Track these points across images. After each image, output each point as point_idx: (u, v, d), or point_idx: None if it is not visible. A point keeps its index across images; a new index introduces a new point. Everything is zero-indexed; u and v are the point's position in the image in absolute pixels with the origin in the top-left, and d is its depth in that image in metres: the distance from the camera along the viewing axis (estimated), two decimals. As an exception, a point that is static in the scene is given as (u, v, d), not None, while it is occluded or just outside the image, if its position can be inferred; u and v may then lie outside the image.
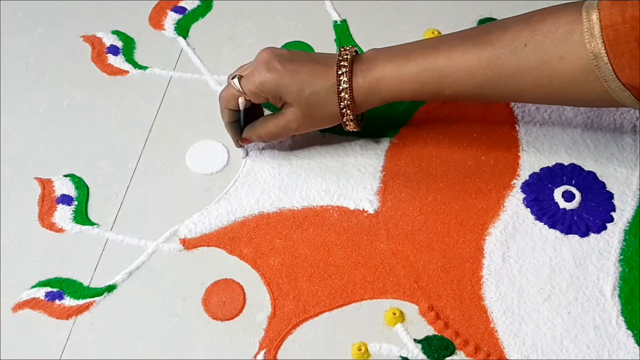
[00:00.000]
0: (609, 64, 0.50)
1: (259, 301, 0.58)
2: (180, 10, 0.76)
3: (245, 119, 0.62)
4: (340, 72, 0.57)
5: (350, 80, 0.57)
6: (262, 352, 0.55)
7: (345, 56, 0.58)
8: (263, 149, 0.65)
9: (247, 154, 0.65)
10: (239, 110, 0.60)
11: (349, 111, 0.58)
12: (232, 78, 0.59)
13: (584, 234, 0.60)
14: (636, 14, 0.48)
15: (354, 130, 0.60)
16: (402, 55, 0.57)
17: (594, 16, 0.50)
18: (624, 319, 0.56)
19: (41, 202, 0.63)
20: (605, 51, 0.50)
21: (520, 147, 0.65)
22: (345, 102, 0.57)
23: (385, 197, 0.63)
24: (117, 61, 0.72)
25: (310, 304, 0.57)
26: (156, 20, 0.75)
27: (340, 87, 0.57)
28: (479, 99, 0.62)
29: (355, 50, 0.59)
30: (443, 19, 0.73)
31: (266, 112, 0.65)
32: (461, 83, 0.55)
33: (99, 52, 0.73)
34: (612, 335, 0.55)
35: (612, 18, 0.49)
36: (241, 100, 0.59)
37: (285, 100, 0.58)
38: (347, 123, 0.59)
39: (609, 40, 0.50)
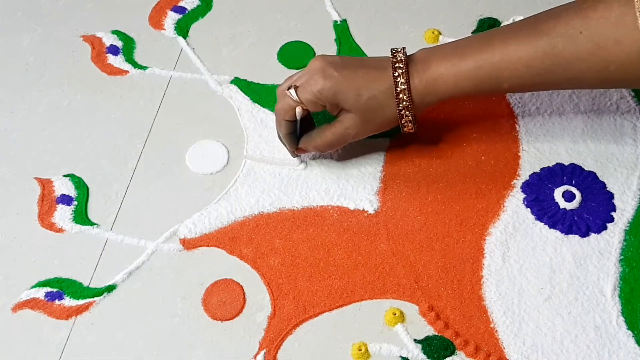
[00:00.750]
0: None
1: (259, 301, 0.58)
2: (180, 10, 0.76)
3: (301, 131, 0.61)
4: (396, 74, 0.57)
5: (407, 81, 0.56)
6: (262, 352, 0.55)
7: (400, 57, 0.57)
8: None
9: (301, 162, 0.64)
10: (295, 121, 0.60)
11: (407, 112, 0.57)
12: (288, 89, 0.58)
13: (584, 234, 0.60)
14: None
15: (411, 131, 0.59)
16: (457, 53, 0.57)
17: None
18: (624, 319, 0.56)
19: (41, 202, 0.63)
20: None
21: (521, 147, 0.65)
22: (404, 103, 0.57)
23: (385, 197, 0.62)
24: (117, 61, 0.72)
25: (310, 304, 0.57)
26: (156, 20, 0.75)
27: (399, 89, 0.57)
28: (537, 88, 0.63)
29: (406, 50, 0.58)
30: (443, 19, 0.73)
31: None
32: (519, 75, 0.55)
33: (99, 52, 0.73)
34: (613, 336, 0.55)
35: None
36: (298, 110, 0.58)
37: (343, 106, 0.58)
38: (405, 124, 0.59)
39: None
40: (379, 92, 0.57)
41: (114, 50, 0.73)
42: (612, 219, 0.60)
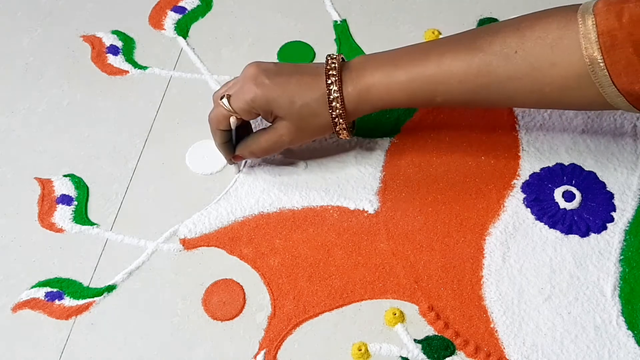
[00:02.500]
0: (606, 70, 0.49)
1: (259, 301, 0.58)
2: (180, 10, 0.76)
3: (236, 136, 0.61)
4: (329, 82, 0.56)
5: (340, 89, 0.56)
6: (262, 352, 0.55)
7: (333, 64, 0.57)
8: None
9: (239, 170, 0.64)
10: (230, 130, 0.59)
11: (341, 120, 0.57)
12: (221, 98, 0.58)
13: (584, 234, 0.60)
14: (634, 18, 0.48)
15: (347, 138, 0.59)
16: (391, 63, 0.56)
17: (590, 21, 0.49)
18: (624, 319, 0.56)
19: (41, 202, 0.63)
20: (602, 57, 0.49)
21: (521, 147, 0.65)
22: (337, 111, 0.56)
23: (385, 197, 0.62)
24: (116, 61, 0.72)
25: (310, 304, 0.57)
26: (156, 20, 0.75)
27: (331, 97, 0.56)
28: (472, 105, 0.62)
29: (343, 58, 0.58)
30: (443, 19, 0.73)
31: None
32: (452, 90, 0.55)
33: (99, 52, 0.73)
34: (613, 336, 0.55)
35: (608, 23, 0.48)
36: (232, 120, 0.58)
37: (276, 114, 0.57)
38: (339, 132, 0.59)
39: (605, 46, 0.49)
40: (312, 99, 0.56)
41: (114, 50, 0.73)
42: (612, 219, 0.60)
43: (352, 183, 0.63)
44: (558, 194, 0.62)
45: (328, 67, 0.57)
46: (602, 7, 0.49)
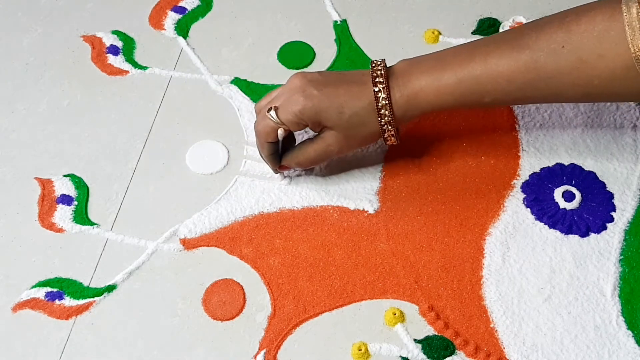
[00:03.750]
0: None
1: (259, 301, 0.58)
2: (180, 10, 0.76)
3: (282, 149, 0.61)
4: (377, 89, 0.56)
5: (389, 96, 0.56)
6: (262, 352, 0.55)
7: (379, 71, 0.56)
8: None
9: (285, 177, 0.63)
10: (277, 142, 0.59)
11: (390, 127, 0.57)
12: (268, 110, 0.57)
13: (584, 234, 0.60)
14: None
15: (395, 143, 0.59)
16: (438, 66, 0.56)
17: (634, 10, 0.50)
18: (624, 319, 0.56)
19: (41, 202, 0.63)
20: None
21: (521, 147, 0.65)
22: (386, 118, 0.56)
23: (385, 197, 0.63)
24: (117, 61, 0.72)
25: (310, 304, 0.57)
26: (156, 20, 0.75)
27: (380, 104, 0.56)
28: (520, 102, 0.62)
29: (385, 63, 0.57)
30: (443, 19, 0.73)
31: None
32: (500, 89, 0.54)
33: (99, 52, 0.73)
34: (613, 336, 0.55)
35: None
36: (280, 132, 0.57)
37: (325, 124, 0.57)
38: (388, 138, 0.58)
39: None
40: (361, 108, 0.56)
41: (114, 50, 0.73)
42: (612, 219, 0.60)
43: (352, 183, 0.63)
44: (558, 194, 0.62)
45: (374, 75, 0.56)
46: None
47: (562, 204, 0.61)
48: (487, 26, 0.72)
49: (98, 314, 0.57)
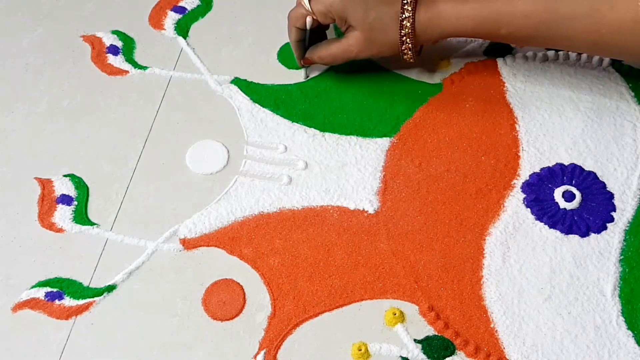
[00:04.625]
0: None
1: (259, 301, 0.58)
2: (180, 10, 0.76)
3: (310, 43, 0.66)
4: (405, 1, 0.61)
5: (414, 10, 0.60)
6: (262, 352, 0.55)
7: None
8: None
9: (307, 76, 0.69)
10: (305, 30, 0.64)
11: (408, 40, 0.62)
12: None
13: (584, 234, 0.60)
14: None
15: (411, 61, 0.64)
16: None
17: None
18: (624, 319, 0.56)
19: (41, 202, 0.63)
20: None
21: (521, 147, 0.65)
22: (406, 30, 0.61)
23: (385, 197, 0.62)
24: (117, 61, 0.72)
25: (310, 304, 0.57)
26: (156, 20, 0.75)
27: (404, 16, 0.61)
28: (533, 42, 0.64)
29: None
30: (443, 19, 0.73)
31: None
32: (517, 23, 0.59)
33: (99, 52, 0.73)
34: (613, 336, 0.55)
35: None
36: (309, 20, 0.63)
37: (350, 22, 0.62)
38: (405, 52, 0.63)
39: None
40: (386, 14, 0.61)
41: (114, 50, 0.73)
42: (612, 219, 0.60)
43: (352, 183, 0.63)
44: (558, 194, 0.62)
45: None
46: None
47: (562, 204, 0.61)
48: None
49: (98, 314, 0.57)
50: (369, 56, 0.65)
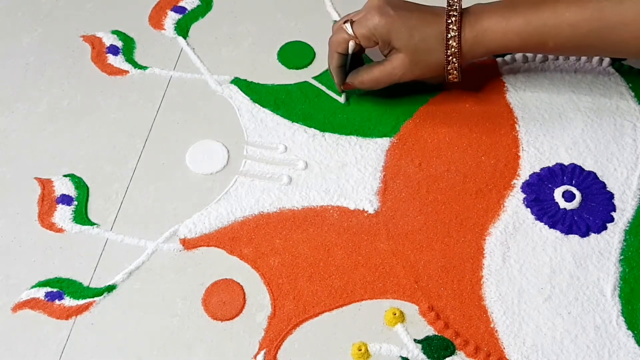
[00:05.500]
0: None
1: (259, 301, 0.58)
2: (180, 10, 0.76)
3: (350, 67, 0.65)
4: (449, 21, 0.59)
5: (459, 29, 0.59)
6: (262, 352, 0.55)
7: (455, 6, 0.60)
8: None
9: (347, 100, 0.68)
10: (347, 55, 0.63)
11: (454, 59, 0.60)
12: (344, 23, 0.62)
13: (584, 234, 0.60)
14: None
15: (455, 80, 0.62)
16: (509, 8, 0.60)
17: None
18: (624, 319, 0.56)
19: (41, 202, 0.63)
20: None
21: (521, 147, 0.65)
22: (453, 49, 0.60)
23: (385, 197, 0.62)
24: (117, 61, 0.72)
25: (310, 304, 0.57)
26: (156, 20, 0.75)
27: (449, 35, 0.60)
28: (582, 51, 0.64)
29: (462, 2, 0.61)
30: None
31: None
32: (564, 35, 0.58)
33: (99, 52, 0.73)
34: (613, 336, 0.55)
35: None
36: (351, 44, 0.62)
37: (394, 45, 0.61)
38: (451, 72, 0.62)
39: None
40: (430, 35, 0.60)
41: (114, 50, 0.73)
42: (612, 219, 0.60)
43: (352, 183, 0.63)
44: (558, 194, 0.62)
45: (449, 8, 0.60)
46: None
47: (562, 204, 0.61)
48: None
49: (98, 314, 0.57)
50: (412, 78, 0.63)
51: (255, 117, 0.68)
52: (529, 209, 0.61)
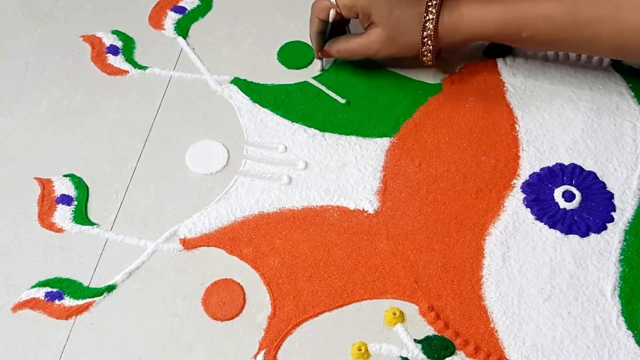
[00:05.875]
0: None
1: (259, 301, 0.58)
2: (180, 10, 0.76)
3: (329, 36, 0.66)
4: (429, 4, 0.61)
5: (438, 12, 0.61)
6: (262, 353, 0.55)
7: None
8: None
9: (322, 69, 0.69)
10: (327, 22, 0.64)
11: (429, 42, 0.62)
12: None
13: (584, 234, 0.60)
14: None
15: (429, 63, 0.64)
16: None
17: None
18: (624, 319, 0.56)
19: (41, 202, 0.63)
20: None
21: (520, 147, 0.65)
22: (428, 31, 0.61)
23: (385, 197, 0.62)
24: (116, 61, 0.72)
25: (310, 304, 0.57)
26: (156, 20, 0.75)
27: (427, 17, 0.61)
28: (556, 45, 0.64)
29: None
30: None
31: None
32: (540, 26, 0.59)
33: (99, 52, 0.73)
34: (613, 336, 0.55)
35: None
36: (332, 12, 0.63)
37: (373, 19, 0.62)
38: (425, 54, 0.63)
39: None
40: (410, 15, 0.61)
41: (113, 50, 0.73)
42: (612, 219, 0.60)
43: (352, 183, 0.63)
44: (558, 194, 0.62)
45: None
46: None
47: (562, 204, 0.61)
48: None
49: (98, 314, 0.57)
50: (388, 55, 0.65)
51: (255, 117, 0.68)
52: (529, 209, 0.61)
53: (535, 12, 0.59)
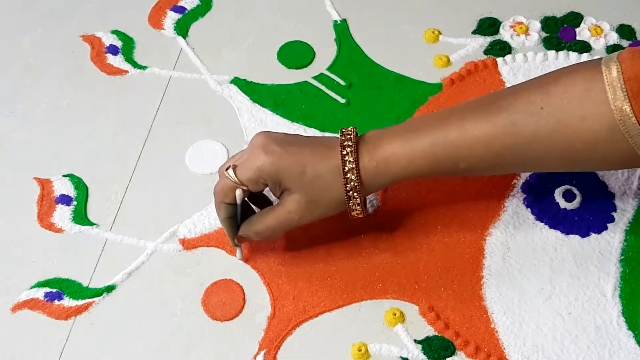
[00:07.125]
0: (634, 118, 0.47)
1: (259, 301, 0.58)
2: (179, 9, 0.76)
3: (242, 216, 0.56)
4: (344, 152, 0.52)
5: (356, 160, 0.52)
6: (262, 353, 0.55)
7: (349, 136, 0.53)
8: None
9: (242, 256, 0.59)
10: (235, 204, 0.55)
11: (355, 194, 0.53)
12: (226, 169, 0.54)
13: (584, 234, 0.60)
14: None
15: (360, 216, 0.55)
16: (411, 130, 0.53)
17: (615, 70, 0.47)
18: (624, 320, 0.56)
19: (40, 202, 0.63)
20: (629, 104, 0.47)
21: (521, 147, 0.64)
22: (352, 183, 0.52)
23: (385, 197, 0.62)
24: (116, 61, 0.72)
25: (310, 304, 0.57)
26: (155, 20, 0.75)
27: (346, 168, 0.52)
28: (498, 170, 0.57)
29: (357, 131, 0.54)
30: (443, 19, 0.73)
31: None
32: (478, 154, 0.51)
33: (99, 52, 0.73)
34: (613, 336, 0.55)
35: (635, 70, 0.47)
36: (238, 192, 0.53)
37: (285, 185, 0.53)
38: (353, 207, 0.54)
39: (632, 93, 0.47)
40: (326, 171, 0.52)
41: (113, 50, 0.73)
42: (612, 219, 0.60)
43: (352, 183, 0.63)
44: (558, 194, 0.62)
45: (343, 139, 0.53)
46: (627, 54, 0.48)
47: (563, 204, 0.61)
48: (488, 26, 0.72)
49: (97, 314, 0.57)
50: (312, 220, 0.55)
51: (255, 117, 0.68)
52: (529, 209, 0.61)
53: (469, 139, 0.51)
